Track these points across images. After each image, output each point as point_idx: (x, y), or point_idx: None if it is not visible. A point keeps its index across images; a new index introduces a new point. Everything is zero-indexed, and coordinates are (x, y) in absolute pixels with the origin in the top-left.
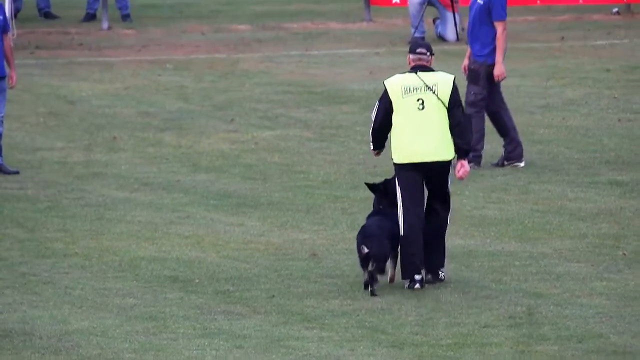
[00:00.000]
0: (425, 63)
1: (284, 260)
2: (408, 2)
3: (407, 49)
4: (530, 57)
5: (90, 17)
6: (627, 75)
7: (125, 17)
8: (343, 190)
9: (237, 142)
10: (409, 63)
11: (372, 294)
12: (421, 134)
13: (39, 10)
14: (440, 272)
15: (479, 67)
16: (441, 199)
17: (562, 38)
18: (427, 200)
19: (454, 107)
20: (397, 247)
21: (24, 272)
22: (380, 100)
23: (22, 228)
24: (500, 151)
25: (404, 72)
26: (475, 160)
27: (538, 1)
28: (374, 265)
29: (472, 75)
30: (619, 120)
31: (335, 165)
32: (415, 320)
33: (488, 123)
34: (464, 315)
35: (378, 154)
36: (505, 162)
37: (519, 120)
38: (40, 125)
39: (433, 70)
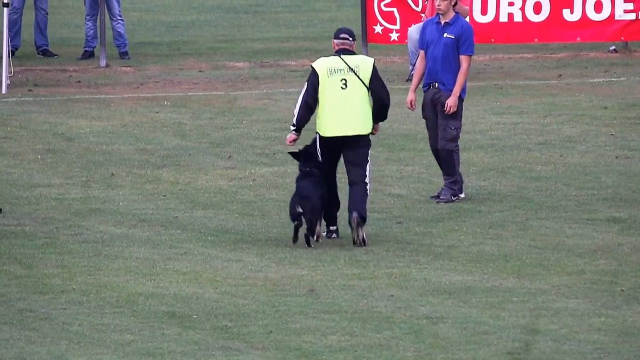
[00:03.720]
0: (348, 47)
1: (282, 296)
2: (407, 39)
3: (406, 85)
4: (528, 95)
5: (88, 54)
6: (625, 113)
7: (123, 55)
8: (340, 226)
9: (235, 178)
10: (334, 47)
11: (308, 244)
12: (343, 110)
13: (37, 48)
14: (365, 238)
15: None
16: (359, 171)
17: (560, 75)
18: (347, 174)
19: (376, 86)
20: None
21: (21, 308)
22: (308, 81)
23: (19, 264)
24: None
25: (329, 56)
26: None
27: (535, 39)
28: (308, 224)
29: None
30: (617, 157)
31: None
32: (413, 356)
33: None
34: (462, 352)
35: (295, 139)
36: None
37: (516, 157)
38: (38, 162)
39: (355, 54)
